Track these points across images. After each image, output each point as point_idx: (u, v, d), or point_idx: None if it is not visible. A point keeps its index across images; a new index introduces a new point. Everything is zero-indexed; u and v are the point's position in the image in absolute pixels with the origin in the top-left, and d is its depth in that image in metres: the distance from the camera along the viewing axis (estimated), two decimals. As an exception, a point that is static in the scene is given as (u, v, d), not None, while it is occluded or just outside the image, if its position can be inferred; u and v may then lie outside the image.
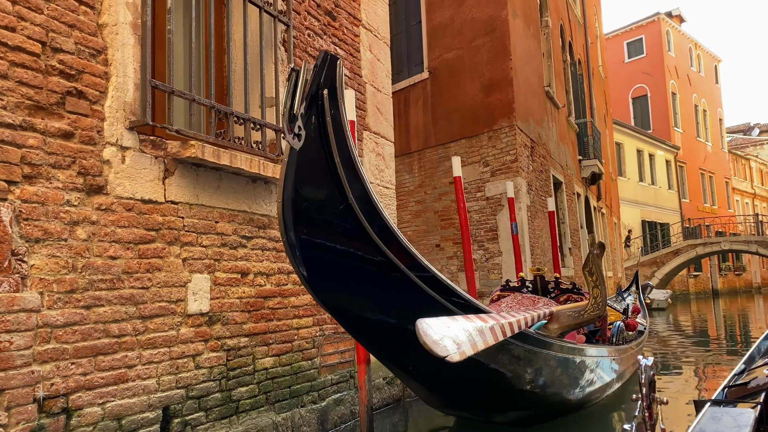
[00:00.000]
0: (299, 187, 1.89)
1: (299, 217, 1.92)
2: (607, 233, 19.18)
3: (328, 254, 2.06)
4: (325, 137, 1.89)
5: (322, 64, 1.87)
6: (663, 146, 30.95)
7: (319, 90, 1.87)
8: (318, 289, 2.16)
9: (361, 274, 2.17)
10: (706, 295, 30.37)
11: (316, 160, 1.91)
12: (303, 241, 1.97)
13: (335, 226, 2.02)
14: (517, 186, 9.60)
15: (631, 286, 10.89)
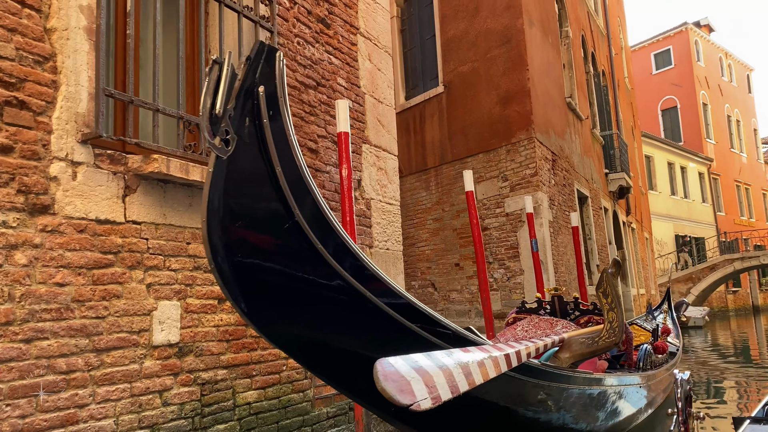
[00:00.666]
0: (230, 203, 1.58)
1: (232, 238, 1.61)
2: (638, 249, 18.48)
3: (273, 282, 1.75)
4: (263, 144, 1.59)
5: (257, 56, 1.57)
6: (695, 158, 30.01)
7: (254, 87, 1.57)
8: (263, 323, 1.84)
9: (315, 303, 1.84)
10: (746, 312, 29.12)
11: (251, 170, 1.60)
12: (239, 267, 1.66)
13: (280, 248, 1.70)
14: (537, 201, 9.19)
15: (663, 303, 10.31)
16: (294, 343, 1.99)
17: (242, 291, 1.72)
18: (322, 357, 2.05)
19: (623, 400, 4.21)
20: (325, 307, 1.88)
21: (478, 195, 10.10)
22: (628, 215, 17.37)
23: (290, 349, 2.04)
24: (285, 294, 1.80)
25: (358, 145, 4.75)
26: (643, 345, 5.34)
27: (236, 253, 1.64)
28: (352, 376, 2.06)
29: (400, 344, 2.06)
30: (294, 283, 1.77)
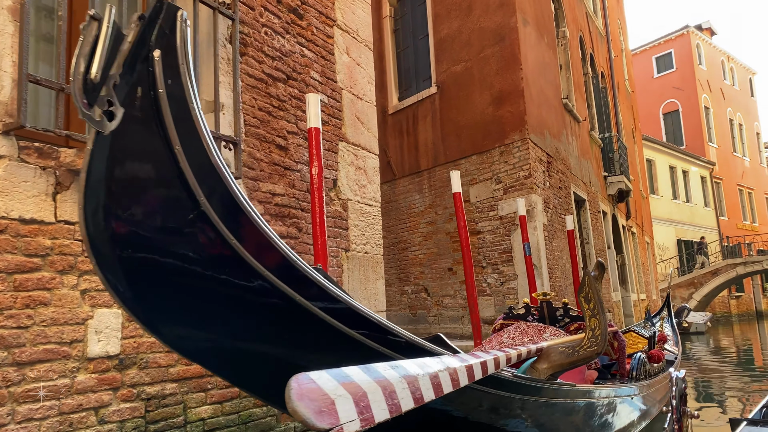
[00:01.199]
0: (116, 188, 1.32)
1: (119, 231, 1.35)
2: (639, 253, 18.18)
3: (176, 284, 1.49)
4: (158, 118, 1.33)
5: (154, 15, 1.33)
6: (697, 162, 29.70)
7: (148, 51, 1.32)
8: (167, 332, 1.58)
9: (233, 308, 1.59)
10: (749, 317, 28.75)
11: (143, 149, 1.35)
12: (130, 267, 1.40)
13: (182, 243, 1.44)
14: (531, 203, 8.93)
15: (662, 309, 10.02)
16: (213, 357, 1.74)
17: (135, 295, 1.46)
18: (248, 370, 1.79)
19: (612, 412, 3.95)
20: (247, 313, 1.62)
21: (471, 198, 9.86)
22: (628, 219, 17.08)
23: (211, 363, 1.79)
24: (193, 298, 1.54)
25: (334, 143, 4.51)
26: (637, 354, 5.07)
27: (125, 249, 1.38)
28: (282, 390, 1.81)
29: (340, 355, 1.81)
30: (203, 284, 1.51)
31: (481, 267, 9.58)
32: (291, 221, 3.95)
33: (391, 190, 11.27)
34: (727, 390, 7.66)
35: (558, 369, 2.82)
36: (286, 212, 3.89)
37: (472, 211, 9.79)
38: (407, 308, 10.85)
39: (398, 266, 11.10)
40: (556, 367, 2.81)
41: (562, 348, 2.83)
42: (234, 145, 3.39)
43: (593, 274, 2.88)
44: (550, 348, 2.85)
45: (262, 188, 3.71)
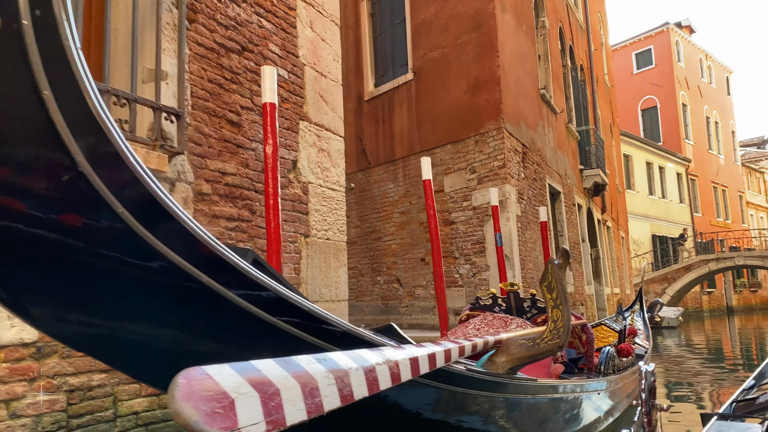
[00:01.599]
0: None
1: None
2: (613, 247, 18.23)
3: (48, 258, 1.25)
4: (22, 56, 1.09)
5: None
6: (674, 159, 29.94)
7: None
8: (41, 318, 1.34)
9: (128, 291, 1.36)
10: (720, 313, 29.16)
11: (5, 96, 1.11)
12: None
13: (55, 208, 1.20)
14: (505, 194, 8.78)
15: (634, 303, 9.98)
16: (103, 345, 1.51)
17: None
18: (150, 363, 1.57)
19: (578, 408, 3.79)
20: (140, 293, 1.38)
21: (445, 187, 9.68)
22: (604, 213, 17.09)
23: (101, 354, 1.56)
24: (71, 275, 1.30)
25: (295, 122, 4.27)
26: (606, 347, 4.94)
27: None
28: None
29: (261, 348, 1.59)
30: (82, 258, 1.27)
31: (454, 258, 9.42)
32: (243, 203, 3.71)
33: (366, 179, 11.05)
34: (697, 384, 7.72)
35: (518, 363, 2.63)
36: (238, 193, 3.65)
37: (446, 201, 9.62)
38: (379, 298, 10.66)
39: (371, 256, 10.90)
40: (516, 360, 2.62)
41: (522, 340, 2.65)
42: (177, 117, 3.14)
43: (557, 262, 2.70)
44: (510, 340, 2.67)
45: (210, 166, 3.46)
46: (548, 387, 3.10)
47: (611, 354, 4.88)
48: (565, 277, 2.76)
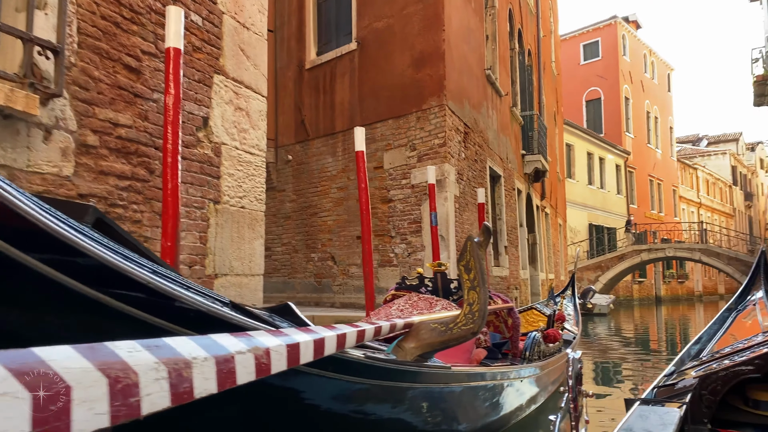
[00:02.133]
0: None
1: None
2: (551, 234, 18.46)
3: None
4: None
5: None
6: (614, 150, 30.66)
7: None
8: None
9: None
10: (649, 302, 30.29)
11: None
12: None
13: None
14: (444, 173, 8.56)
15: (567, 289, 10.03)
16: None
17: None
18: None
19: (498, 396, 3.60)
20: None
21: (384, 164, 9.39)
22: (543, 199, 17.24)
23: None
24: None
25: (208, 75, 3.85)
26: (532, 333, 4.79)
27: None
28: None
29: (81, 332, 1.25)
30: None
31: (390, 236, 9.18)
32: (139, 160, 3.29)
33: (304, 151, 10.63)
34: (624, 371, 7.85)
35: (428, 349, 2.37)
36: (133, 148, 3.23)
37: (385, 178, 9.33)
38: (312, 276, 10.33)
39: (306, 232, 10.53)
40: (426, 346, 2.36)
41: (435, 324, 2.38)
42: (55, 54, 2.69)
43: (477, 240, 2.44)
44: (421, 324, 2.40)
45: (100, 115, 3.02)
46: (463, 375, 2.86)
47: (537, 340, 4.73)
48: (485, 257, 2.50)
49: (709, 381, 2.31)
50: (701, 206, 40.79)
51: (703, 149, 47.24)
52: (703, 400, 2.28)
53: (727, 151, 45.47)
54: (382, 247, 9.26)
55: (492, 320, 4.75)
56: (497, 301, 4.71)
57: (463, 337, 2.33)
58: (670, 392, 2.44)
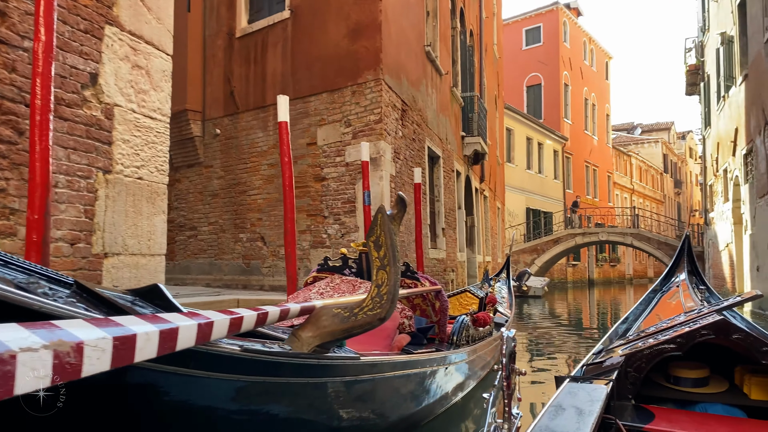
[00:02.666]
0: None
1: None
2: (489, 217, 18.51)
3: None
4: None
5: None
6: (552, 136, 31.13)
7: None
8: None
9: None
10: (582, 284, 31.12)
11: None
12: None
13: None
14: (379, 151, 8.22)
15: (501, 271, 9.94)
16: None
17: None
18: None
19: (420, 386, 3.32)
20: None
21: (318, 140, 8.96)
22: (482, 182, 17.21)
23: None
24: None
25: (98, 25, 3.34)
26: (461, 317, 4.54)
27: None
28: None
29: None
30: None
31: (323, 216, 8.79)
32: (4, 118, 2.79)
33: (233, 125, 10.06)
34: (557, 351, 8.03)
35: (329, 338, 2.03)
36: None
37: (319, 155, 8.92)
38: (240, 257, 9.84)
39: (234, 211, 10.00)
40: (326, 335, 2.02)
41: (337, 310, 2.04)
42: None
43: (390, 212, 2.12)
44: (322, 310, 2.06)
45: (-55, 60, 2.51)
46: (376, 365, 2.55)
47: (466, 324, 4.49)
48: (397, 232, 2.18)
49: (634, 359, 2.40)
50: (634, 192, 42.20)
51: (637, 137, 48.81)
52: (629, 377, 2.38)
53: (660, 139, 47.13)
54: (314, 227, 8.88)
55: (419, 303, 4.48)
56: (424, 282, 4.43)
57: (369, 323, 2.01)
58: (597, 370, 2.51)
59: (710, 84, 17.63)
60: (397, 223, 2.17)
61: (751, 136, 12.37)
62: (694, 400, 2.42)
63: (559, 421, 1.71)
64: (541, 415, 1.74)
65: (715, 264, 17.63)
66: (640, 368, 2.40)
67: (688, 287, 4.20)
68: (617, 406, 2.28)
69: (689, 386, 2.48)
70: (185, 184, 10.77)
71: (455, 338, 4.31)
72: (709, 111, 17.94)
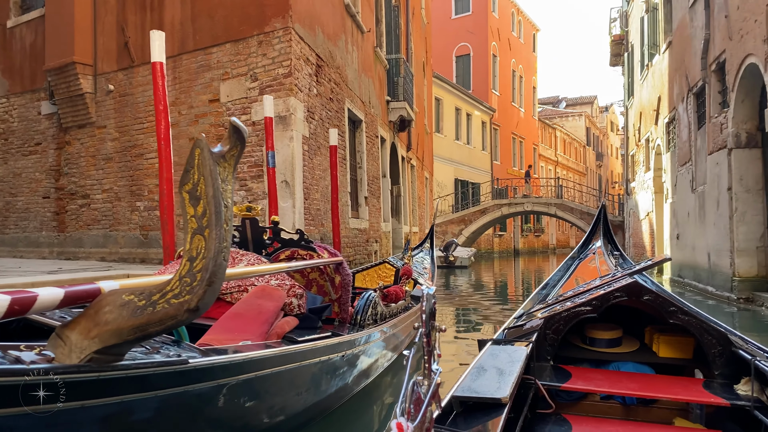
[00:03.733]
0: None
1: None
2: (416, 186, 18.02)
3: None
4: None
5: None
6: (481, 107, 30.96)
7: None
8: None
9: None
10: (508, 255, 31.51)
11: None
12: None
13: None
14: (289, 108, 7.41)
15: (425, 242, 9.42)
16: None
17: None
18: None
19: (305, 381, 2.65)
20: None
21: (221, 96, 8.03)
22: (409, 151, 16.64)
23: None
24: None
25: None
26: (368, 293, 3.91)
27: None
28: None
29: None
30: None
31: (228, 182, 7.91)
32: None
33: (128, 80, 8.92)
34: (483, 317, 8.17)
35: (114, 340, 1.31)
36: None
37: (222, 114, 8.00)
38: (138, 228, 8.82)
39: (130, 177, 8.93)
40: (109, 336, 1.30)
41: (129, 296, 1.32)
42: None
43: (218, 149, 1.41)
44: (107, 298, 1.33)
45: None
46: (222, 369, 1.84)
47: (373, 300, 3.85)
48: (231, 178, 1.48)
49: (552, 321, 2.47)
50: (558, 164, 43.03)
51: (562, 111, 49.70)
52: (548, 339, 2.46)
53: (583, 113, 48.18)
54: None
55: (315, 279, 3.78)
56: (322, 254, 3.74)
57: (173, 318, 1.29)
58: (518, 333, 2.56)
59: (634, 54, 17.67)
60: (230, 166, 1.46)
61: (674, 104, 12.33)
62: (608, 360, 2.53)
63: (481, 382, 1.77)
64: (463, 376, 1.81)
65: (635, 233, 17.93)
66: (558, 330, 2.46)
67: (603, 254, 4.40)
68: (537, 367, 2.35)
69: (604, 346, 2.57)
70: (76, 146, 9.56)
71: (359, 318, 3.67)
72: (633, 81, 18.03)
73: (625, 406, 2.46)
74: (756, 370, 1.97)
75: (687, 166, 11.35)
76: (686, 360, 2.43)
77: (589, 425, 2.07)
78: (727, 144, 8.83)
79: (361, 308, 3.69)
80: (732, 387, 2.09)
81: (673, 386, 2.14)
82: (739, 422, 2.10)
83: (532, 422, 2.06)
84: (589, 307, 2.38)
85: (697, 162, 10.74)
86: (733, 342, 2.19)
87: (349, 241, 9.88)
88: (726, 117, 8.95)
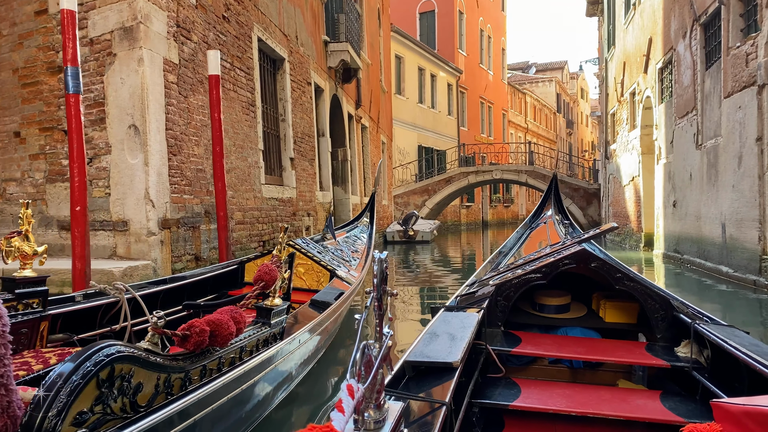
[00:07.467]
0: None
1: None
2: (369, 151, 15.61)
3: None
4: None
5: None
6: (446, 68, 28.48)
7: None
8: None
9: None
10: (476, 227, 29.52)
11: None
12: None
13: None
14: (136, 14, 4.92)
15: (362, 214, 7.10)
16: None
17: None
18: None
19: None
20: None
21: (50, 7, 5.48)
22: (359, 108, 14.18)
23: None
24: None
25: None
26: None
27: None
28: None
29: None
30: None
31: (63, 131, 5.44)
32: None
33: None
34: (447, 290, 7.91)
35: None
36: None
37: (53, 30, 5.47)
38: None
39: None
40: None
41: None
42: None
43: None
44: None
45: None
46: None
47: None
48: None
49: (503, 288, 2.53)
50: (528, 131, 41.00)
51: (532, 76, 47.57)
52: (498, 305, 2.53)
53: (554, 78, 46.10)
54: (50, 148, 5.51)
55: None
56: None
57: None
58: (470, 300, 2.65)
59: (616, -4, 15.39)
60: None
61: (671, 43, 10.11)
62: (556, 325, 2.61)
63: (433, 347, 1.85)
64: (416, 341, 1.91)
65: (616, 201, 15.85)
66: (509, 297, 2.51)
67: (554, 223, 4.59)
68: (488, 333, 2.39)
69: (552, 312, 2.65)
70: None
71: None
72: (614, 28, 15.78)
73: (573, 369, 2.53)
74: (695, 333, 2.09)
75: (689, 116, 9.19)
76: (631, 325, 2.52)
77: (537, 388, 2.10)
78: (757, 80, 6.65)
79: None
80: (672, 350, 2.20)
81: (617, 350, 2.23)
82: (679, 382, 2.21)
83: (482, 386, 2.09)
84: (539, 275, 2.42)
85: (704, 110, 8.57)
86: (675, 307, 2.29)
87: (263, 215, 7.49)
88: (755, 44, 6.75)
